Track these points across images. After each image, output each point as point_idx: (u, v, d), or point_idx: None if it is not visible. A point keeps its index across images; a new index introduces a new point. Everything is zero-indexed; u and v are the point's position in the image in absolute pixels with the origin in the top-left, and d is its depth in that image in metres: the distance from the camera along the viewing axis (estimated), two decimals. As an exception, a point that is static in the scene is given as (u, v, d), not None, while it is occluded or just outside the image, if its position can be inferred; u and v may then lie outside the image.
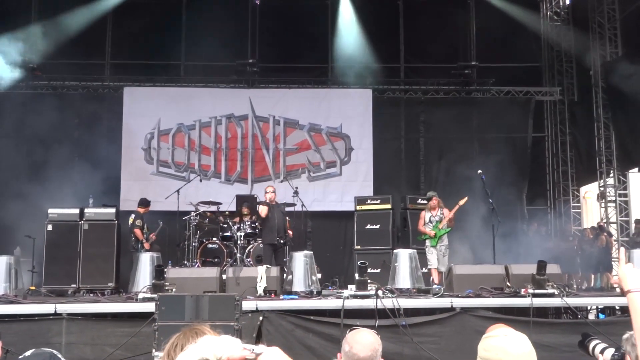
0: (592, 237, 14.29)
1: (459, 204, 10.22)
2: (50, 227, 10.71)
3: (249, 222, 11.71)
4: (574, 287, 11.88)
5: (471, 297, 8.23)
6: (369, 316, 7.60)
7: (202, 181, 13.93)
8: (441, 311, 7.89)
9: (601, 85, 15.03)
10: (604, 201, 15.20)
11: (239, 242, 11.47)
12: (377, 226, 11.89)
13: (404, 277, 8.95)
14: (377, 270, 10.87)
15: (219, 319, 6.14)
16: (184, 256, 11.98)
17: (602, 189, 15.25)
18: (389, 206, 12.05)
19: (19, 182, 13.59)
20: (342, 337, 3.04)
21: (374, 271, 10.59)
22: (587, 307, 9.36)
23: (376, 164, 15.05)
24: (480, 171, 10.96)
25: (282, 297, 8.52)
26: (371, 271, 9.76)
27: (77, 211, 10.88)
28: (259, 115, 15.20)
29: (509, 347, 2.18)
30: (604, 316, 9.30)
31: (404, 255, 9.14)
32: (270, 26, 15.41)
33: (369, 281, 8.13)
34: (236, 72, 15.34)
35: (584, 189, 16.77)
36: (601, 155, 15.09)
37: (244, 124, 15.19)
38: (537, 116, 16.08)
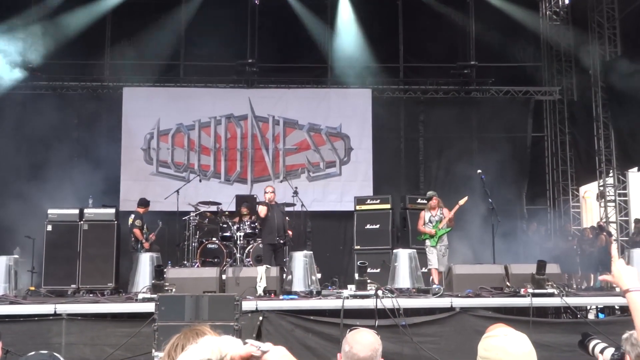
0: (591, 236, 14.31)
1: (459, 203, 10.18)
2: (49, 228, 10.71)
3: (249, 222, 11.69)
4: (574, 286, 11.88)
5: (471, 297, 8.23)
6: (369, 316, 7.60)
7: (201, 181, 13.91)
8: (441, 311, 7.89)
9: (600, 84, 15.04)
10: (603, 201, 15.21)
11: (238, 242, 11.46)
12: (377, 226, 11.87)
13: (404, 277, 8.96)
14: (377, 270, 10.87)
15: (219, 319, 6.14)
16: (184, 256, 11.97)
17: (601, 189, 15.26)
18: (388, 206, 12.03)
19: (19, 183, 13.58)
20: (342, 337, 3.04)
21: (374, 271, 10.59)
22: (587, 306, 9.35)
23: (376, 164, 15.04)
24: (479, 171, 10.93)
25: (281, 297, 8.52)
26: (371, 271, 9.76)
27: (76, 211, 10.89)
28: (258, 115, 15.19)
29: (509, 347, 2.18)
30: (603, 316, 9.30)
31: (404, 255, 9.15)
32: (269, 26, 15.40)
33: (369, 281, 8.13)
34: (236, 72, 15.35)
35: (583, 189, 16.77)
36: (601, 154, 15.11)
37: (243, 124, 15.18)
38: (536, 116, 16.08)
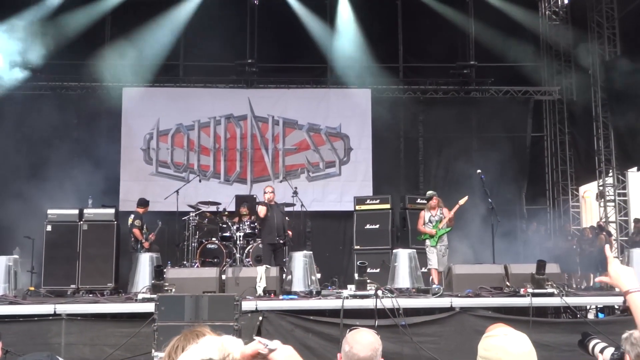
0: (591, 236, 14.31)
1: (459, 203, 10.15)
2: (49, 228, 10.70)
3: (248, 222, 11.70)
4: (574, 286, 11.88)
5: (470, 296, 8.23)
6: (369, 316, 7.60)
7: (201, 181, 13.89)
8: (441, 311, 7.89)
9: (600, 84, 15.05)
10: (603, 200, 15.21)
11: (238, 242, 11.47)
12: (377, 226, 11.87)
13: (404, 277, 8.96)
14: (377, 270, 10.88)
15: (219, 319, 6.14)
16: (184, 256, 11.97)
17: (601, 189, 15.26)
18: (388, 206, 12.03)
19: (18, 183, 13.58)
20: (342, 337, 3.04)
21: (374, 271, 10.59)
22: (587, 306, 9.36)
23: (375, 164, 15.03)
24: (479, 171, 10.91)
25: (281, 297, 8.52)
26: (370, 271, 9.76)
27: (76, 212, 10.88)
28: (258, 115, 15.19)
29: (509, 347, 2.18)
30: (603, 315, 9.30)
31: (404, 255, 9.15)
32: (269, 26, 15.39)
33: (369, 281, 8.13)
34: (235, 72, 15.35)
35: (583, 189, 16.77)
36: (600, 154, 15.11)
37: (243, 124, 15.17)
38: (536, 115, 16.08)
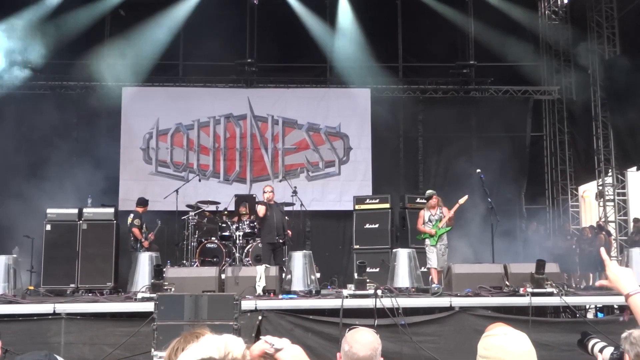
0: (590, 236, 14.32)
1: (459, 202, 10.12)
2: (48, 227, 10.68)
3: (248, 222, 11.70)
4: (573, 286, 11.89)
5: (470, 296, 8.23)
6: (368, 315, 7.59)
7: (200, 181, 13.89)
8: (440, 310, 7.89)
9: (599, 84, 15.05)
10: (602, 200, 15.22)
11: (237, 241, 11.46)
12: (376, 225, 11.87)
13: (403, 276, 8.96)
14: (376, 269, 10.89)
15: (218, 319, 6.15)
16: (183, 256, 11.96)
17: (600, 188, 15.26)
18: (387, 205, 12.03)
19: (18, 182, 13.58)
20: (341, 336, 3.04)
21: (373, 270, 10.60)
22: (586, 306, 9.37)
23: (375, 164, 15.03)
24: (479, 170, 10.89)
25: (281, 296, 8.52)
26: (370, 270, 9.78)
27: (75, 211, 10.86)
28: (257, 114, 15.18)
29: (509, 346, 2.18)
30: (602, 315, 9.31)
31: (403, 254, 9.15)
32: (268, 26, 15.37)
33: (368, 280, 8.13)
34: (235, 71, 15.35)
35: (582, 188, 16.77)
36: (599, 154, 15.12)
37: (242, 124, 15.17)
38: (535, 115, 16.08)
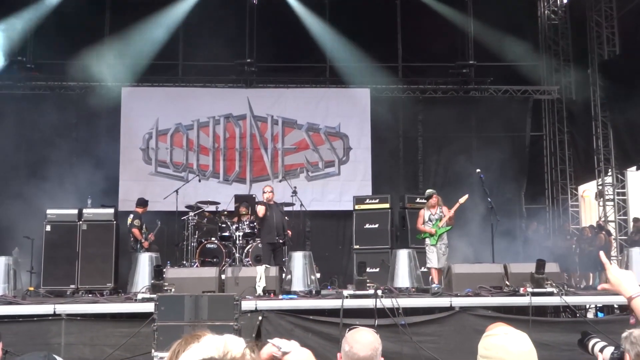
0: (590, 235, 14.32)
1: (460, 201, 10.08)
2: (48, 228, 10.67)
3: (248, 222, 11.69)
4: (573, 285, 11.89)
5: (470, 296, 8.24)
6: (368, 316, 7.59)
7: (200, 181, 13.87)
8: (440, 310, 7.90)
9: (599, 83, 15.05)
10: (602, 200, 15.22)
11: (237, 242, 11.46)
12: (376, 225, 11.87)
13: (403, 276, 8.97)
14: (376, 269, 10.88)
15: (218, 319, 6.15)
16: (183, 256, 11.95)
17: (600, 188, 15.27)
18: (387, 205, 12.02)
19: (18, 183, 13.59)
20: (342, 336, 3.04)
21: (373, 270, 10.59)
22: (586, 305, 9.37)
23: (374, 164, 15.02)
24: (478, 170, 10.88)
25: (281, 296, 8.52)
26: (370, 270, 9.77)
27: (75, 212, 10.85)
28: (257, 115, 15.17)
29: (510, 346, 2.18)
30: (602, 315, 9.31)
31: (403, 254, 9.16)
32: (268, 26, 15.35)
33: (368, 281, 8.13)
34: (234, 71, 15.33)
35: (582, 188, 16.77)
36: (599, 153, 15.12)
37: (242, 124, 15.16)
38: (535, 115, 16.08)
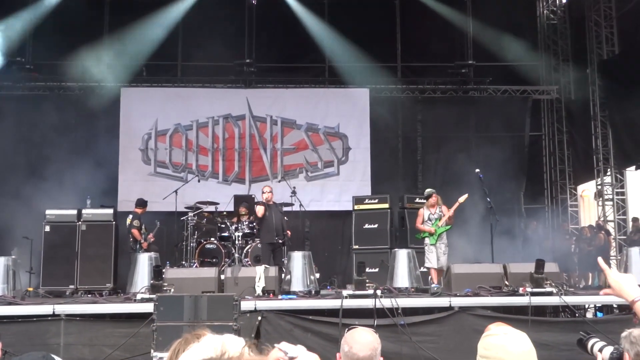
0: (590, 235, 14.33)
1: (459, 201, 10.08)
2: (47, 228, 10.65)
3: (247, 222, 11.69)
4: (573, 285, 11.90)
5: (469, 296, 8.24)
6: (368, 316, 7.59)
7: (199, 181, 13.88)
8: (439, 310, 7.90)
9: (598, 83, 15.07)
10: (601, 199, 15.23)
11: (237, 242, 11.45)
12: (375, 225, 11.88)
13: (402, 276, 8.98)
14: (376, 269, 10.88)
15: (218, 319, 6.14)
16: (182, 256, 11.94)
17: (599, 188, 15.28)
18: (386, 205, 12.03)
19: (17, 183, 13.56)
20: (341, 336, 3.03)
21: (372, 271, 10.59)
22: (585, 305, 9.37)
23: (374, 164, 15.02)
24: (477, 170, 10.87)
25: (280, 297, 8.52)
26: (369, 271, 9.76)
27: (74, 212, 10.83)
28: (256, 115, 15.17)
29: (509, 346, 2.18)
30: (601, 314, 9.32)
31: (402, 254, 9.16)
32: (267, 26, 15.36)
33: (367, 281, 8.13)
34: (233, 72, 15.33)
35: (581, 188, 16.77)
36: (598, 153, 15.13)
37: (241, 124, 15.15)
38: (534, 115, 16.08)
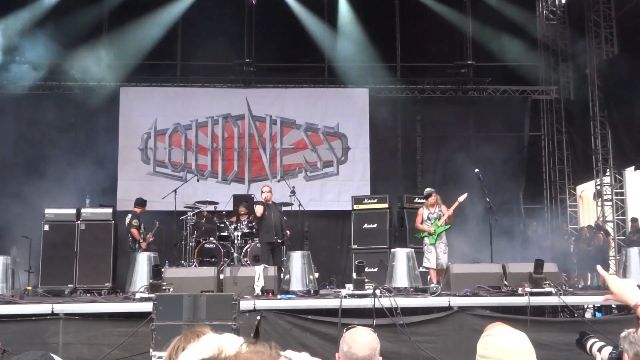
0: (589, 235, 14.34)
1: (459, 200, 10.06)
2: (47, 227, 10.67)
3: (246, 222, 11.68)
4: (572, 285, 11.89)
5: (468, 296, 8.23)
6: (367, 315, 7.59)
7: (199, 181, 13.88)
8: (439, 310, 7.89)
9: (597, 83, 15.07)
10: (600, 200, 15.23)
11: (236, 241, 11.45)
12: (374, 225, 11.88)
13: (402, 276, 8.97)
14: (375, 269, 10.90)
15: (217, 319, 6.14)
16: (181, 256, 11.93)
17: (598, 188, 15.28)
18: (386, 205, 12.03)
19: (16, 182, 13.57)
20: (340, 336, 3.03)
21: (372, 270, 10.60)
22: (584, 305, 9.37)
23: (373, 163, 15.03)
24: (477, 170, 10.86)
25: (279, 296, 8.52)
26: (368, 270, 9.76)
27: (73, 211, 10.85)
28: (255, 114, 15.17)
29: (509, 346, 2.17)
30: (600, 315, 9.32)
31: (402, 254, 9.16)
32: (266, 25, 15.37)
33: (367, 280, 8.13)
34: (233, 71, 15.33)
35: (580, 188, 16.78)
36: (597, 153, 15.13)
37: (240, 124, 15.15)
38: (533, 115, 16.08)
